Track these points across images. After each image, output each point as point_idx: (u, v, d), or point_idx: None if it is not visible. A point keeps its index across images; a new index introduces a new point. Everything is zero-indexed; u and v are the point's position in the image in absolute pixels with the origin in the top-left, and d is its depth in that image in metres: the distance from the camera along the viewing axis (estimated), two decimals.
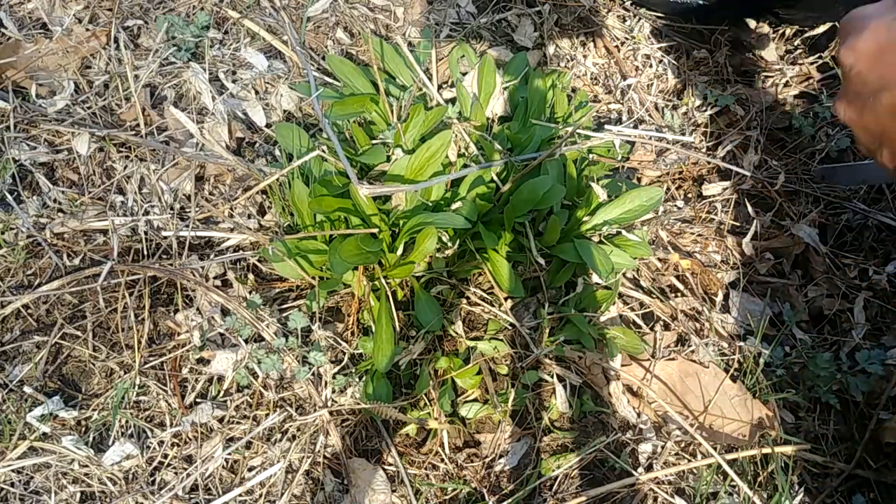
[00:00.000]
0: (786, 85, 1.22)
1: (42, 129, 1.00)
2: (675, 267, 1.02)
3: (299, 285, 0.94)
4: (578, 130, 1.00)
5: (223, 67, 1.09)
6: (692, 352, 0.94)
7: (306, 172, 0.94)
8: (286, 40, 1.12)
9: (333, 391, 0.86)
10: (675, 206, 1.08)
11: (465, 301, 0.94)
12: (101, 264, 0.90)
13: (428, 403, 0.87)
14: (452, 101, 1.07)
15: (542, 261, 0.91)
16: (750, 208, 1.07)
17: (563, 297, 0.95)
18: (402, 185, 0.89)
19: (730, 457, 0.85)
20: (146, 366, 0.86)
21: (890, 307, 0.98)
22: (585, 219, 0.96)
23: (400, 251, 0.90)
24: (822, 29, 1.25)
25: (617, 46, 1.27)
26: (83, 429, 0.83)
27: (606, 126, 1.09)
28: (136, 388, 0.84)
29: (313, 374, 0.86)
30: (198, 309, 0.89)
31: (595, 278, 0.95)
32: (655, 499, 0.84)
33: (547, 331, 0.90)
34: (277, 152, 1.02)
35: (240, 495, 0.81)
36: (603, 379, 0.91)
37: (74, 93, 1.04)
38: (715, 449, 0.84)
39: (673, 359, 0.93)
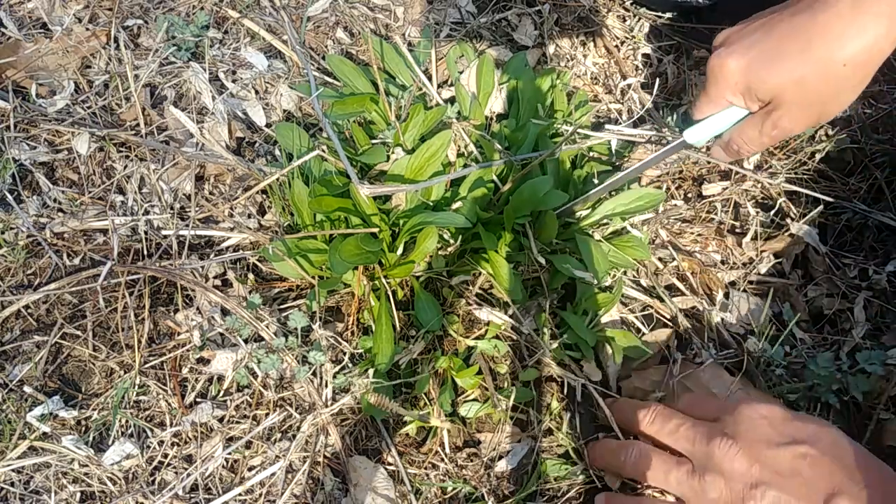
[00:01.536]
0: None
1: (42, 129, 1.00)
2: (676, 267, 1.02)
3: (299, 285, 0.94)
4: (578, 130, 1.00)
5: (223, 67, 1.09)
6: (693, 352, 0.94)
7: (306, 172, 0.94)
8: (286, 40, 1.12)
9: (334, 391, 0.86)
10: (675, 205, 1.08)
11: (464, 301, 0.94)
12: (101, 264, 0.90)
13: (428, 403, 0.87)
14: (452, 100, 1.07)
15: (542, 260, 0.91)
16: (750, 208, 1.06)
17: (564, 297, 0.95)
18: (403, 185, 0.89)
19: None
20: (146, 366, 0.86)
21: (890, 307, 0.98)
22: (585, 212, 0.96)
23: (400, 251, 0.90)
24: None
25: (617, 46, 1.27)
26: (83, 428, 0.83)
27: (607, 126, 1.09)
28: (136, 387, 0.84)
29: (313, 373, 0.86)
30: (198, 309, 0.89)
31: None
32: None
33: (547, 331, 0.90)
34: (277, 152, 1.02)
35: (240, 494, 0.81)
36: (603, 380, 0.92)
37: (74, 92, 1.04)
38: None
39: (675, 359, 0.93)
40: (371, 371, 0.85)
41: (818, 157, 1.12)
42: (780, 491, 0.65)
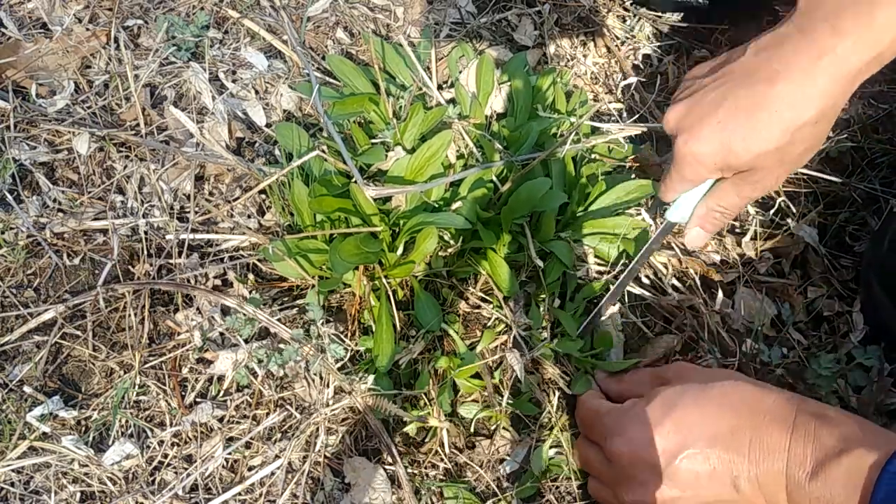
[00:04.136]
0: None
1: (42, 129, 1.00)
2: (676, 266, 1.02)
3: (299, 285, 0.94)
4: (578, 129, 1.00)
5: (223, 67, 1.09)
6: (693, 352, 0.94)
7: (307, 171, 0.94)
8: (286, 40, 1.12)
9: (334, 391, 0.86)
10: None
11: (464, 301, 0.94)
12: (102, 264, 0.90)
13: (427, 403, 0.87)
14: (452, 101, 1.07)
15: (539, 262, 0.91)
16: (750, 208, 1.06)
17: (561, 295, 0.95)
18: (407, 187, 0.89)
19: None
20: (146, 366, 0.86)
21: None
22: (580, 213, 0.97)
23: (400, 251, 0.90)
24: None
25: (617, 46, 1.27)
26: (83, 429, 0.83)
27: (607, 125, 1.09)
28: (136, 387, 0.85)
29: (314, 373, 0.86)
30: (198, 309, 0.89)
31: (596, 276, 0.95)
32: None
33: (545, 331, 0.90)
34: (277, 152, 1.02)
35: (239, 494, 0.81)
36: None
37: (74, 93, 1.04)
38: None
39: (677, 359, 0.93)
40: (371, 378, 0.85)
41: (818, 157, 1.12)
42: (692, 497, 0.71)
